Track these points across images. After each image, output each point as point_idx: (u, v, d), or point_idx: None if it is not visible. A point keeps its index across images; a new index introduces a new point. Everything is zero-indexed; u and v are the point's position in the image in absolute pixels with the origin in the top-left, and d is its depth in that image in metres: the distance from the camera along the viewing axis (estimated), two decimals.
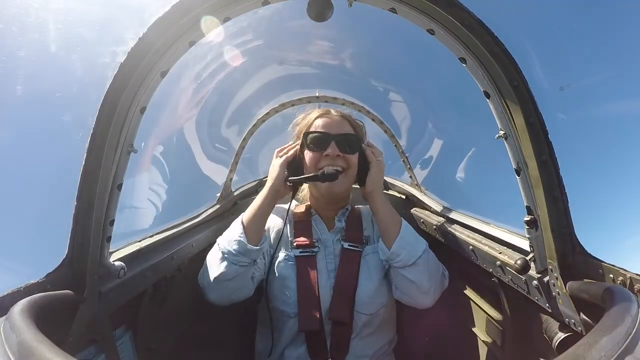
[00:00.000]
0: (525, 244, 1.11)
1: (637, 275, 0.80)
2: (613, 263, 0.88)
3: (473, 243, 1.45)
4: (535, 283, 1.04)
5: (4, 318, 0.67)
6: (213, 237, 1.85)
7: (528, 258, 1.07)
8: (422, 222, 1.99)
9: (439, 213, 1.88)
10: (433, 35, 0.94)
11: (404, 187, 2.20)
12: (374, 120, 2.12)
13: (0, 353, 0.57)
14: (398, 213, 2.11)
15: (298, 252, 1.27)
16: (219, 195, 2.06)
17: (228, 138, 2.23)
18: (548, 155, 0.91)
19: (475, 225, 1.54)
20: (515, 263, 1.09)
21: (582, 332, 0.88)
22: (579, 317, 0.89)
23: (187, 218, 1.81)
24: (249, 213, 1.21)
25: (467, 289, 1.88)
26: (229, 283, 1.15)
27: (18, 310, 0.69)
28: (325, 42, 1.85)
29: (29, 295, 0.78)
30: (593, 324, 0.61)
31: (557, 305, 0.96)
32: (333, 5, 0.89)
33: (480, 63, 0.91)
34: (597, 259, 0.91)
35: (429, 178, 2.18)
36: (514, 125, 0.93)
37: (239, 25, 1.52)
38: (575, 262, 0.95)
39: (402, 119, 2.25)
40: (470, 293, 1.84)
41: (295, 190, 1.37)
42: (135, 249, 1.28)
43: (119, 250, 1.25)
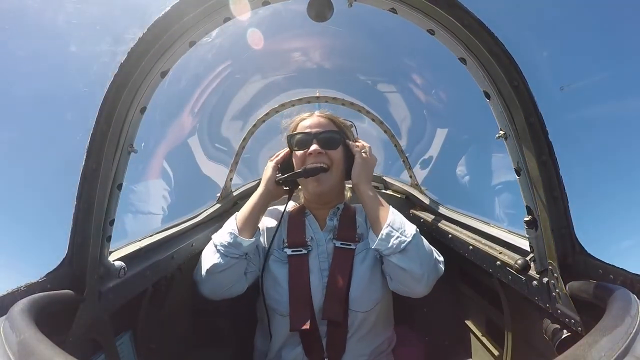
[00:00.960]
0: (525, 244, 1.11)
1: (637, 275, 0.80)
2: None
3: (473, 243, 1.45)
4: (535, 283, 1.04)
5: (4, 318, 0.67)
6: None
7: (528, 258, 1.07)
8: (422, 222, 1.99)
9: (439, 213, 1.88)
10: (433, 36, 0.94)
11: (404, 187, 2.20)
12: (374, 120, 2.12)
13: (0, 353, 0.57)
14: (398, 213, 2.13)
15: (290, 251, 1.28)
16: (219, 195, 2.06)
17: (228, 138, 2.23)
18: (548, 155, 0.91)
19: (475, 225, 1.54)
20: (515, 263, 1.09)
21: (582, 332, 0.88)
22: (579, 317, 0.89)
23: (187, 218, 1.81)
24: (242, 210, 1.26)
25: (467, 289, 1.88)
26: (221, 275, 1.17)
27: (18, 310, 0.69)
28: (325, 42, 1.86)
29: (29, 295, 0.78)
30: (593, 324, 0.61)
31: (557, 305, 0.96)
32: (333, 6, 0.89)
33: (480, 63, 0.91)
34: (597, 259, 0.91)
35: (429, 178, 2.18)
36: (514, 126, 0.93)
37: (239, 26, 1.52)
38: (575, 262, 0.95)
39: (402, 119, 2.25)
40: (470, 293, 1.84)
41: (291, 192, 1.40)
42: (135, 249, 1.28)
43: (119, 250, 1.25)
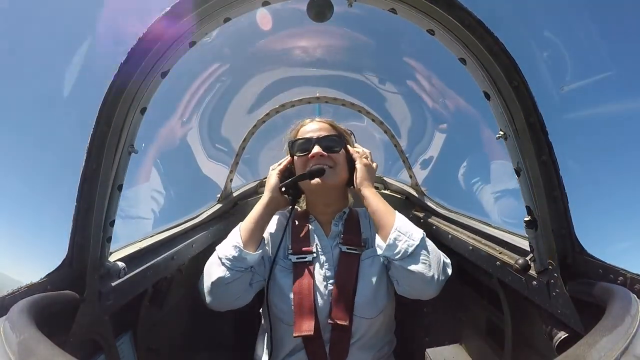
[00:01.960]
0: (525, 244, 1.11)
1: (637, 275, 0.80)
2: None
3: (473, 243, 1.45)
4: (535, 283, 1.04)
5: (4, 318, 0.67)
6: (213, 237, 1.86)
7: (528, 258, 1.07)
8: (422, 222, 1.99)
9: (439, 213, 1.88)
10: (433, 36, 0.94)
11: (404, 187, 2.20)
12: (374, 121, 2.12)
13: (0, 353, 0.57)
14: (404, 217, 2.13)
15: (295, 258, 1.28)
16: (219, 196, 2.06)
17: (228, 139, 2.23)
18: (548, 156, 0.91)
19: (475, 226, 1.54)
20: (515, 263, 1.09)
21: (582, 332, 0.88)
22: (579, 317, 0.89)
23: (187, 218, 1.81)
24: (247, 221, 1.24)
25: (467, 289, 1.88)
26: (227, 288, 1.16)
27: (18, 310, 0.69)
28: (326, 42, 1.86)
29: (30, 296, 0.78)
30: (593, 324, 0.61)
31: (557, 305, 0.96)
32: (333, 6, 0.89)
33: (480, 63, 0.91)
34: (597, 259, 0.90)
35: (429, 178, 2.18)
36: (514, 126, 0.93)
37: (239, 26, 1.52)
38: (575, 262, 0.95)
39: (402, 120, 2.25)
40: (470, 293, 1.84)
41: (295, 199, 1.39)
42: (136, 249, 1.28)
43: (119, 251, 1.25)
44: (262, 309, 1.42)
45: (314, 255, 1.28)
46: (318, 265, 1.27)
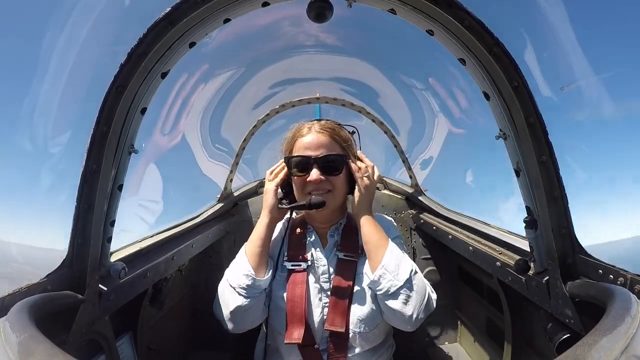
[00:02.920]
0: (525, 245, 1.11)
1: (637, 276, 0.80)
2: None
3: (473, 243, 1.45)
4: (535, 283, 1.04)
5: (4, 318, 0.67)
6: (213, 237, 1.86)
7: (528, 258, 1.07)
8: (422, 222, 1.99)
9: (439, 214, 1.88)
10: (433, 36, 0.94)
11: (404, 187, 2.20)
12: (374, 121, 2.12)
13: (0, 353, 0.57)
14: (398, 214, 2.13)
15: (290, 265, 1.28)
16: (219, 196, 2.06)
17: (228, 139, 2.23)
18: (548, 156, 0.91)
19: (475, 226, 1.54)
20: (515, 263, 1.09)
21: (582, 332, 0.88)
22: (579, 317, 0.89)
23: (187, 218, 1.81)
24: (252, 245, 1.22)
25: (467, 289, 1.88)
26: (245, 314, 1.18)
27: (18, 311, 0.69)
28: (325, 42, 1.85)
29: (30, 296, 0.78)
30: (593, 324, 0.61)
31: (557, 306, 0.96)
32: (333, 7, 0.89)
33: (480, 64, 0.91)
34: (597, 259, 0.90)
35: (429, 178, 2.18)
36: (514, 126, 0.93)
37: (239, 26, 1.52)
38: (575, 262, 0.95)
39: (402, 120, 2.25)
40: (471, 293, 1.84)
41: (292, 213, 1.36)
42: (136, 250, 1.28)
43: (120, 251, 1.25)
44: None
45: (309, 264, 1.28)
46: (313, 275, 1.27)
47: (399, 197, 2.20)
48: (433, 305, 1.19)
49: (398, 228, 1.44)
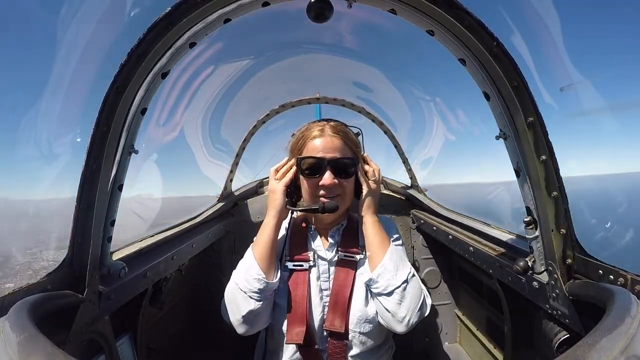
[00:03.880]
0: (525, 245, 1.11)
1: (637, 276, 0.80)
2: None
3: (473, 244, 1.45)
4: (535, 284, 1.04)
5: (4, 318, 0.67)
6: (213, 237, 1.86)
7: (528, 259, 1.07)
8: (422, 222, 1.99)
9: (439, 214, 1.88)
10: (433, 36, 0.94)
11: (404, 187, 2.20)
12: (374, 121, 2.12)
13: (0, 353, 0.57)
14: (398, 214, 2.13)
15: (292, 265, 1.28)
16: (219, 196, 2.06)
17: (228, 139, 2.24)
18: (548, 156, 0.91)
19: (475, 226, 1.54)
20: (516, 264, 1.09)
21: (582, 332, 0.88)
22: (579, 317, 0.89)
23: (187, 218, 1.81)
24: (261, 247, 1.21)
25: (467, 290, 1.88)
26: (257, 317, 1.19)
27: (18, 310, 0.69)
28: (325, 42, 1.85)
29: (30, 295, 0.78)
30: (593, 325, 0.61)
31: (557, 306, 0.96)
32: (333, 7, 0.89)
33: (480, 64, 0.91)
34: (597, 260, 0.90)
35: (430, 178, 2.18)
36: (514, 126, 0.93)
37: (240, 26, 1.52)
38: (575, 262, 0.95)
39: (402, 120, 2.25)
40: (471, 293, 1.84)
41: (295, 207, 1.34)
42: (136, 249, 1.28)
43: (120, 250, 1.25)
44: None
45: (311, 264, 1.28)
46: (314, 275, 1.28)
47: (399, 197, 2.20)
48: (427, 311, 1.20)
49: (398, 229, 1.44)
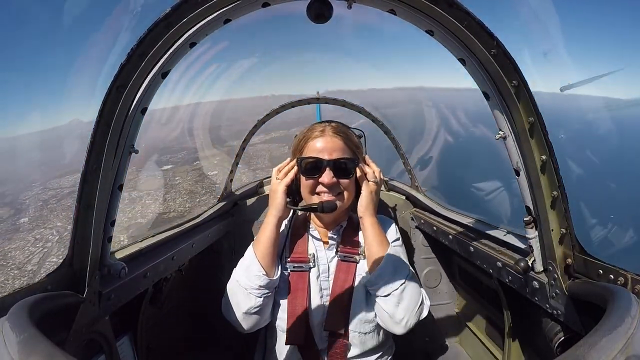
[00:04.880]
0: (525, 245, 1.11)
1: (637, 276, 0.80)
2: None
3: (473, 243, 1.45)
4: (535, 284, 1.04)
5: (4, 318, 0.67)
6: (213, 237, 1.86)
7: (528, 258, 1.07)
8: (422, 222, 1.99)
9: (439, 214, 1.88)
10: (432, 36, 0.94)
11: (404, 187, 2.20)
12: (374, 122, 2.12)
13: (0, 353, 0.57)
14: (398, 214, 2.13)
15: (292, 266, 1.28)
16: (219, 196, 2.06)
17: (227, 139, 2.24)
18: (548, 156, 0.91)
19: (475, 226, 1.54)
20: (516, 264, 1.09)
21: (582, 332, 0.88)
22: (579, 317, 0.89)
23: (187, 218, 1.81)
24: (262, 245, 1.22)
25: (467, 289, 1.88)
26: (259, 313, 1.20)
27: (18, 310, 0.69)
28: (325, 42, 1.86)
29: (30, 296, 0.78)
30: (593, 325, 0.61)
31: (557, 306, 0.96)
32: (332, 7, 0.89)
33: (480, 64, 0.91)
34: (597, 259, 0.90)
35: (429, 178, 2.18)
36: (514, 126, 0.93)
37: (240, 27, 1.53)
38: (575, 262, 0.95)
39: (402, 120, 2.25)
40: (471, 293, 1.84)
41: (295, 210, 1.35)
42: (136, 249, 1.28)
43: (120, 251, 1.25)
44: None
45: (311, 265, 1.28)
46: (314, 274, 1.28)
47: (399, 196, 2.20)
48: (425, 313, 1.21)
49: (398, 229, 1.44)
